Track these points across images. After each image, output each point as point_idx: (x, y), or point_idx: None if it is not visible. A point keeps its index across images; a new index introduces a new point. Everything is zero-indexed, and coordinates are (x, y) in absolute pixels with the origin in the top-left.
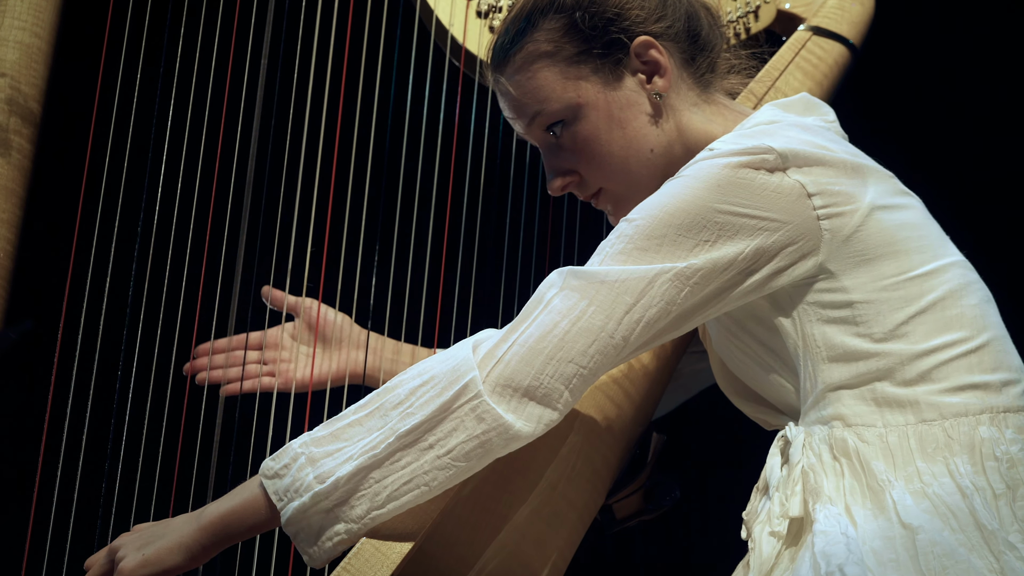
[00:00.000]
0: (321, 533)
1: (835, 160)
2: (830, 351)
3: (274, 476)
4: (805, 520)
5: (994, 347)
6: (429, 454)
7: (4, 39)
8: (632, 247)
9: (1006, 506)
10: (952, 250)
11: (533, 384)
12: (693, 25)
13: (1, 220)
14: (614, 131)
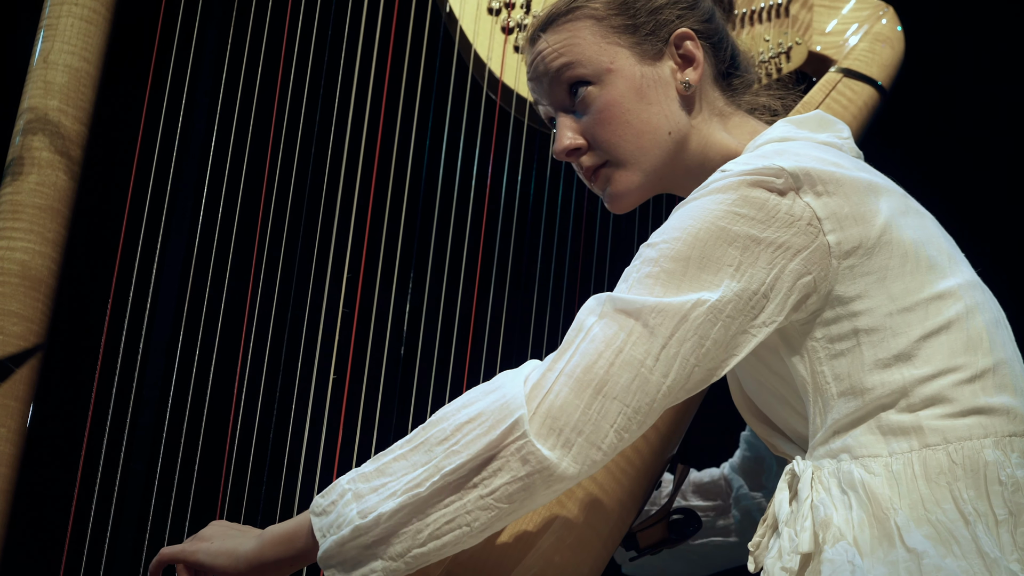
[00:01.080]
0: (357, 568)
1: (847, 179)
2: (839, 385)
3: (321, 513)
4: (815, 554)
5: (1001, 371)
6: (473, 493)
7: (54, 63)
8: (659, 270)
9: (1007, 533)
10: (965, 269)
11: (582, 421)
12: (731, 43)
13: (46, 239)
14: (638, 104)
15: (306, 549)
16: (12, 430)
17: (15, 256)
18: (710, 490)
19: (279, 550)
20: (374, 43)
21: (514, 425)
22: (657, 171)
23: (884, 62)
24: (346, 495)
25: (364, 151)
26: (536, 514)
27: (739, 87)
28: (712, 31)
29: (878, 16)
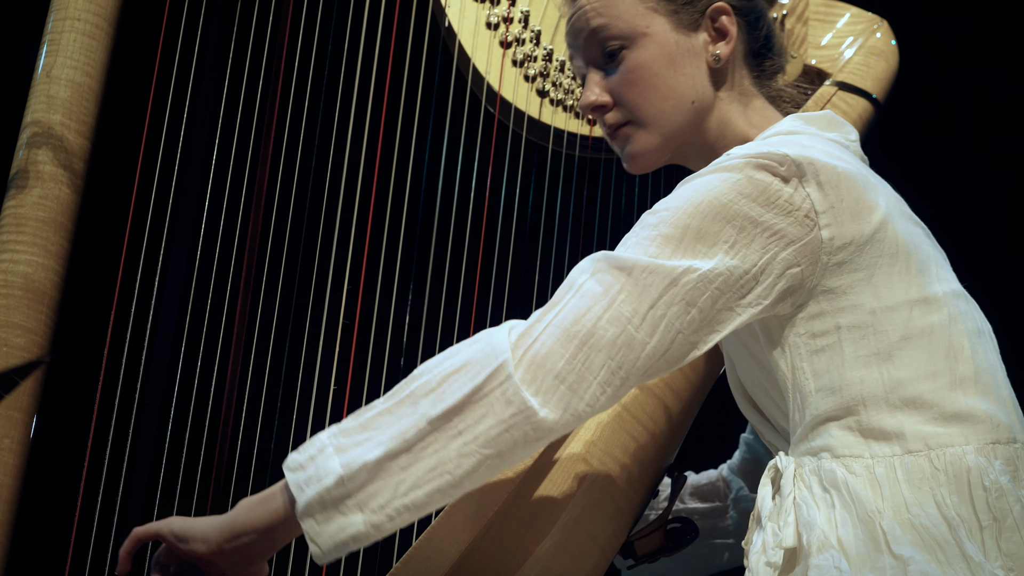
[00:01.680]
0: (335, 521)
1: (849, 173)
2: (817, 381)
3: (296, 468)
4: (799, 550)
5: (983, 379)
6: (457, 441)
7: (57, 77)
8: (657, 234)
9: (991, 539)
10: (951, 279)
11: (565, 369)
12: (767, 24)
13: (49, 252)
14: (667, 69)
15: (282, 509)
16: (16, 441)
17: (19, 269)
18: (708, 492)
19: (253, 513)
20: (373, 57)
21: (499, 369)
22: (675, 137)
23: (878, 75)
24: (326, 450)
25: (364, 164)
26: (535, 522)
27: (769, 69)
28: (750, 9)
29: (872, 30)
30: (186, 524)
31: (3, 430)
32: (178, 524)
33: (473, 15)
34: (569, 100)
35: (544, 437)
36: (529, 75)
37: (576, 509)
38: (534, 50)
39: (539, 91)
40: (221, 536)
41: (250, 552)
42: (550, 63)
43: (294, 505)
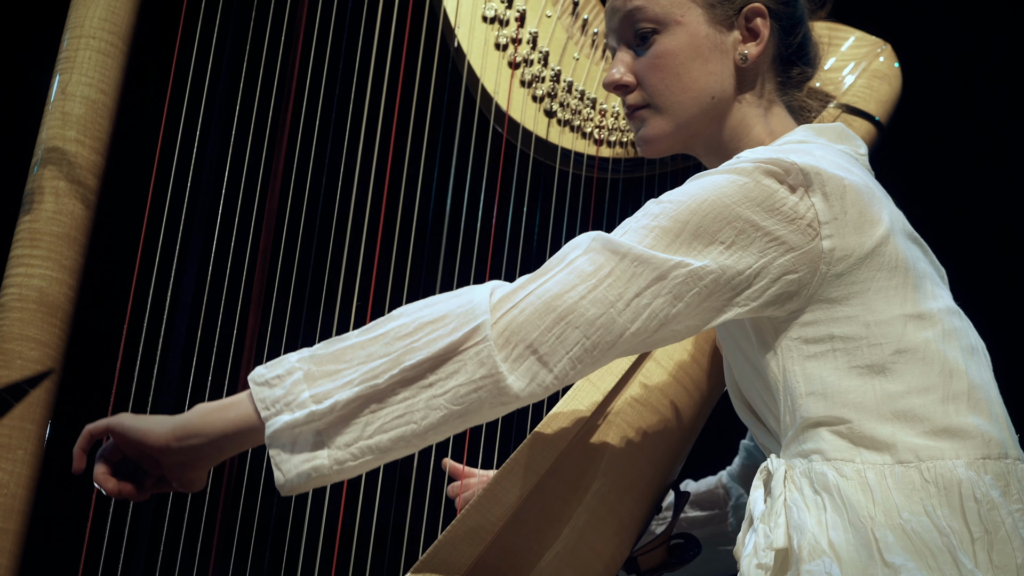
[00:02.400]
0: (302, 453)
1: (855, 186)
2: (808, 386)
3: (264, 384)
4: (790, 552)
5: (975, 395)
6: (426, 392)
7: (72, 95)
8: (656, 225)
9: (983, 551)
10: (946, 295)
11: (539, 340)
12: (804, 32)
13: (63, 266)
14: (694, 60)
15: (239, 418)
16: (29, 452)
17: (33, 283)
18: (706, 500)
19: (209, 419)
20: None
21: (477, 329)
22: (689, 127)
23: (882, 98)
24: (295, 373)
25: (374, 182)
26: (539, 536)
27: (796, 77)
28: (787, 14)
29: (876, 54)
30: (137, 419)
31: (16, 441)
32: (129, 419)
33: (482, 36)
34: (576, 120)
35: (509, 403)
36: (537, 96)
37: (581, 524)
38: (542, 71)
39: (547, 111)
40: (172, 435)
41: (197, 455)
42: (558, 84)
43: (253, 418)
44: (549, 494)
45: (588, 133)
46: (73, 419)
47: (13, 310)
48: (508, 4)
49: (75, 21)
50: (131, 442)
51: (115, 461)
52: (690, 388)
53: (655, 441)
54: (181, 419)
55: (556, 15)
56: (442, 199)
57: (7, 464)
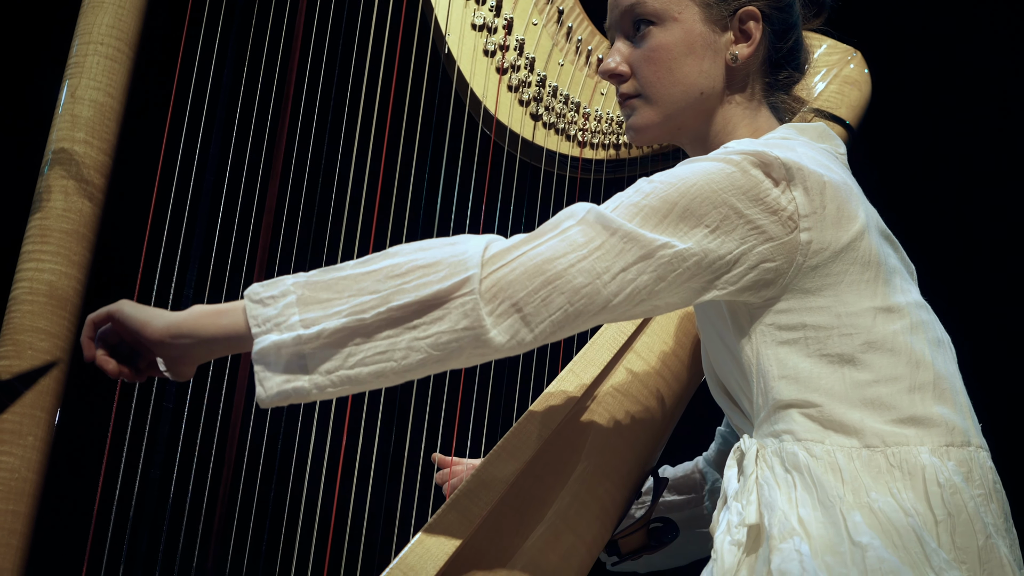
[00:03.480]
0: (285, 373)
1: (834, 183)
2: (780, 369)
3: (259, 301)
4: (761, 528)
5: (941, 385)
6: (409, 334)
7: (80, 98)
8: (646, 204)
9: (946, 533)
10: (914, 290)
11: (525, 300)
12: (796, 37)
13: (72, 261)
14: (685, 56)
15: (231, 326)
16: (39, 438)
17: (43, 277)
18: (683, 485)
19: (202, 322)
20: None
21: (466, 281)
22: (676, 119)
23: (852, 103)
24: (288, 296)
25: (367, 181)
26: (525, 519)
27: (784, 80)
28: (780, 19)
29: (847, 61)
30: (136, 309)
31: (27, 427)
32: (129, 307)
33: (471, 43)
34: (561, 123)
35: (488, 355)
36: (523, 100)
37: (564, 508)
38: (528, 76)
39: (533, 115)
40: (167, 331)
41: (188, 352)
42: (543, 88)
43: (243, 330)
44: (534, 479)
45: (572, 136)
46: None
47: (24, 303)
48: (496, 12)
49: (84, 28)
50: (128, 330)
51: (113, 344)
52: (669, 379)
53: (635, 429)
54: (177, 318)
55: (542, 23)
56: (433, 198)
57: (18, 449)
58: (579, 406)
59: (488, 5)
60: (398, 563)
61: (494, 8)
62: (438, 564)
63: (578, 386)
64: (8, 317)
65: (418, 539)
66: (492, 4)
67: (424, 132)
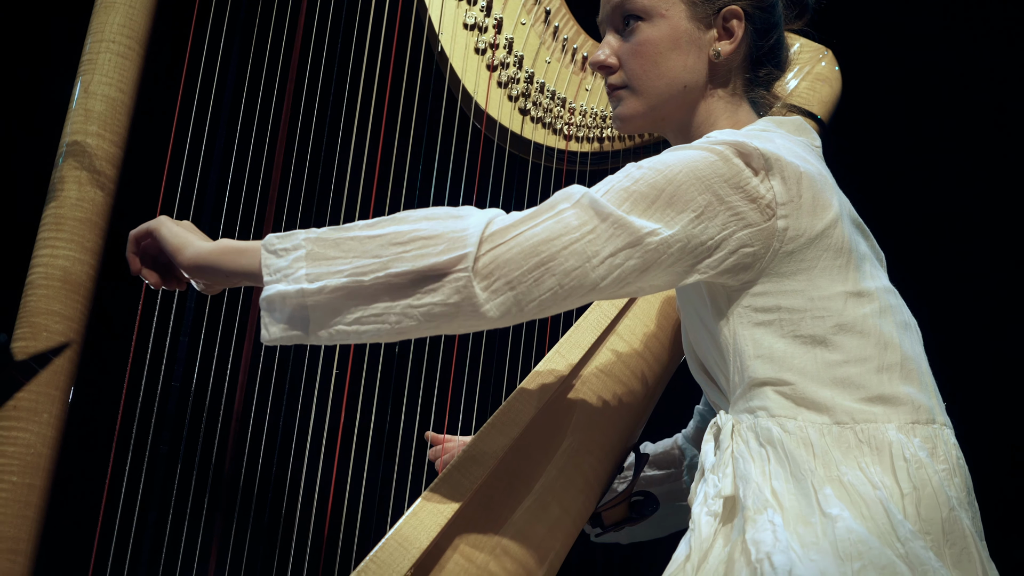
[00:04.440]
0: (287, 321)
1: (810, 174)
2: (756, 349)
3: (273, 252)
4: (737, 499)
5: (907, 366)
6: (404, 301)
7: (93, 93)
8: (635, 189)
9: (912, 505)
10: (884, 277)
11: (519, 279)
12: (777, 36)
13: (85, 248)
14: (670, 51)
15: (248, 266)
16: (53, 415)
17: (58, 263)
18: (663, 460)
19: (224, 258)
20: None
21: (463, 258)
22: (660, 110)
23: (824, 99)
24: (299, 250)
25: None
26: (513, 492)
27: (764, 77)
28: (763, 19)
29: (818, 59)
30: (172, 234)
31: (42, 405)
32: (166, 229)
33: (463, 41)
34: (548, 118)
35: (480, 326)
36: (512, 95)
37: (550, 482)
38: (517, 73)
39: (521, 110)
40: (194, 261)
41: (213, 279)
42: (531, 84)
43: (258, 272)
44: (522, 455)
45: (558, 129)
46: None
47: (40, 287)
48: (487, 12)
49: (96, 27)
50: (163, 252)
51: (154, 255)
52: (650, 360)
53: (618, 407)
54: (203, 251)
55: (530, 23)
56: (427, 188)
57: (33, 426)
58: (565, 385)
59: (479, 5)
60: (393, 534)
61: (485, 8)
62: (431, 534)
63: (564, 366)
64: (24, 301)
65: (412, 511)
66: (483, 4)
67: (419, 125)
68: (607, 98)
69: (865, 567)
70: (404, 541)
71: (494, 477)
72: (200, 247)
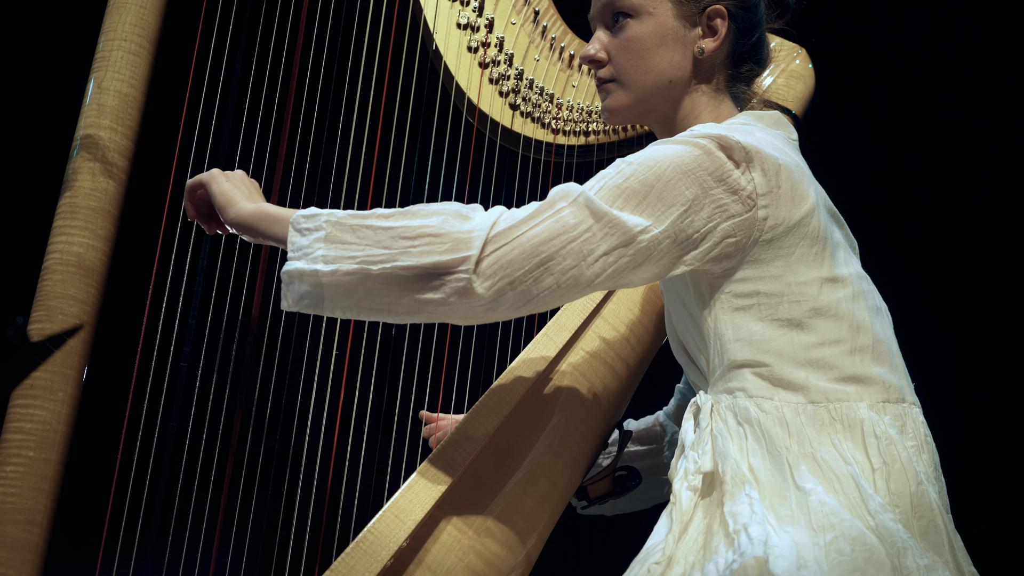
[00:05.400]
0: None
1: (788, 166)
2: (736, 333)
3: (298, 230)
4: (715, 475)
5: (879, 348)
6: (409, 293)
7: (107, 89)
8: (627, 186)
9: (882, 479)
10: (857, 264)
11: (520, 279)
12: (759, 35)
13: (98, 235)
14: (657, 47)
15: (280, 235)
16: (68, 394)
17: (72, 249)
18: (646, 436)
19: (262, 224)
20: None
21: (466, 259)
22: (646, 103)
23: (798, 95)
24: (320, 231)
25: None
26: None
27: (745, 73)
28: (745, 18)
29: (793, 57)
30: (220, 192)
31: (57, 384)
32: (216, 185)
33: (456, 40)
34: (536, 113)
35: (478, 319)
36: (503, 91)
37: (539, 457)
38: (507, 70)
39: (511, 105)
40: (236, 219)
41: (251, 238)
42: (520, 81)
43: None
44: (512, 432)
45: (547, 124)
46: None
47: (55, 272)
48: (479, 13)
49: (109, 26)
50: (210, 203)
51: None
52: (633, 342)
53: (603, 387)
54: (244, 213)
55: (520, 23)
56: (422, 179)
57: (49, 404)
58: (552, 366)
59: (471, 6)
60: (390, 506)
61: (477, 9)
62: (426, 507)
63: (552, 348)
64: (41, 285)
65: (408, 485)
66: (475, 5)
67: (414, 120)
68: (593, 93)
69: (837, 538)
70: (400, 513)
71: (485, 453)
72: (241, 209)
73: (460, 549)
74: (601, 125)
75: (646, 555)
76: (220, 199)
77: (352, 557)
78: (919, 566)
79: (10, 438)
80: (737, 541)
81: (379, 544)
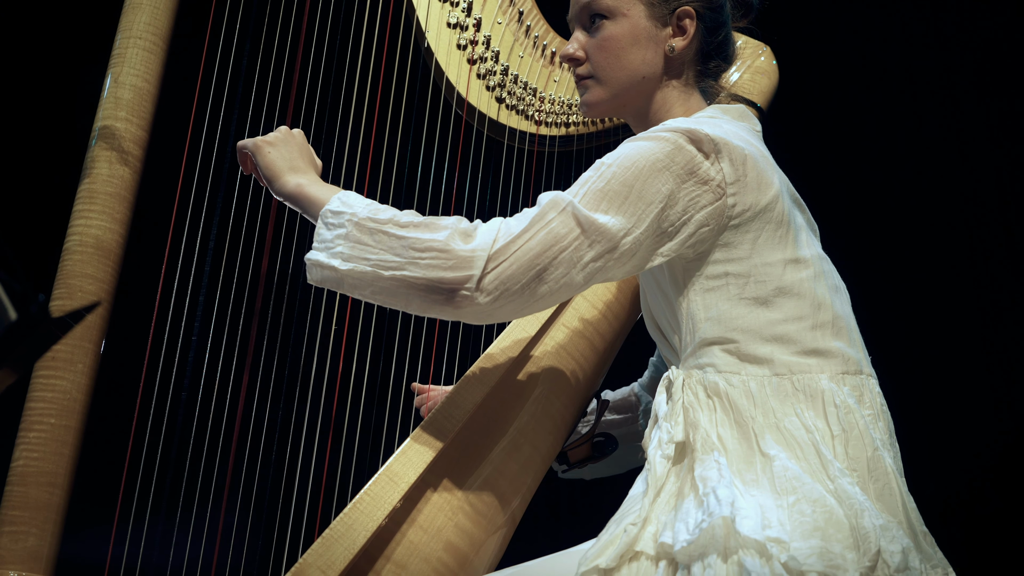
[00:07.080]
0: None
1: (753, 155)
2: (706, 312)
3: (325, 224)
4: (687, 444)
5: (838, 324)
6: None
7: (123, 83)
8: (609, 188)
9: (841, 445)
10: (817, 245)
11: (518, 291)
12: (725, 34)
13: (115, 219)
14: (631, 46)
15: (312, 215)
16: (87, 365)
17: (91, 232)
18: (622, 406)
19: (300, 202)
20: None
21: (469, 278)
22: (621, 98)
23: (763, 90)
24: (343, 228)
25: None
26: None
27: (713, 69)
28: (712, 19)
29: (758, 54)
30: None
31: (77, 356)
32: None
33: (447, 38)
34: (521, 106)
35: (480, 322)
36: (490, 86)
37: (523, 424)
38: (494, 66)
39: (497, 98)
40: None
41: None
42: (506, 76)
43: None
44: (497, 401)
45: (530, 116)
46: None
47: (75, 253)
48: (467, 12)
49: (125, 25)
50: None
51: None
52: (610, 318)
53: (582, 359)
54: (286, 189)
55: (505, 22)
56: (414, 169)
57: (69, 375)
58: (535, 341)
59: (461, 6)
60: (385, 470)
61: (466, 9)
62: (418, 470)
63: (535, 325)
64: (61, 265)
65: (401, 450)
66: (464, 5)
67: (408, 113)
68: (573, 88)
69: (799, 500)
70: (394, 476)
71: (473, 421)
72: (283, 184)
73: (450, 509)
74: (580, 117)
75: (622, 515)
76: (265, 171)
77: (350, 517)
78: (875, 526)
79: (33, 406)
80: (706, 502)
81: (375, 505)
